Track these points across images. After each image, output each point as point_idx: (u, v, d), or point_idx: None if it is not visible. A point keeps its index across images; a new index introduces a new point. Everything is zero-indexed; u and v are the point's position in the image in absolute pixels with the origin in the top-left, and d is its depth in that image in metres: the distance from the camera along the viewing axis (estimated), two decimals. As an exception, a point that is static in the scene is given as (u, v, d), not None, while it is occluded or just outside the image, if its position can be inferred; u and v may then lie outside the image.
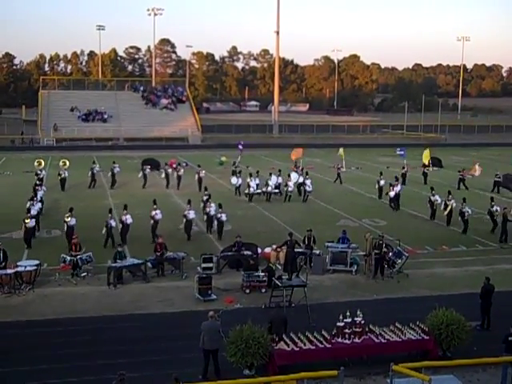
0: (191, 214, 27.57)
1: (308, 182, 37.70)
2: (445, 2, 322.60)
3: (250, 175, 38.34)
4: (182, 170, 41.88)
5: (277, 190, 37.95)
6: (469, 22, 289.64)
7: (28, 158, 54.28)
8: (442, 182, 42.67)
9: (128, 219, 26.52)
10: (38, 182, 35.71)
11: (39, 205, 30.43)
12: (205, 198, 30.46)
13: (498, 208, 28.90)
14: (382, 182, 37.32)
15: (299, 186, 38.46)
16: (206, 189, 33.26)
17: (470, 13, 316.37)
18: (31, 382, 14.03)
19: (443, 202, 30.76)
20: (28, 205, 29.08)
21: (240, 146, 54.39)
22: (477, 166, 45.01)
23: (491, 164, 49.21)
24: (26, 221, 25.83)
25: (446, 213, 30.13)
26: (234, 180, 39.21)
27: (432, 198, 31.75)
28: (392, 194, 34.22)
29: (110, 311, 18.60)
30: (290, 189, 37.14)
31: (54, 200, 35.76)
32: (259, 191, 37.61)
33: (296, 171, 40.66)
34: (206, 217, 28.79)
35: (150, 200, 28.77)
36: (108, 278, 20.84)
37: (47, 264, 22.46)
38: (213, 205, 28.54)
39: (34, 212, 28.06)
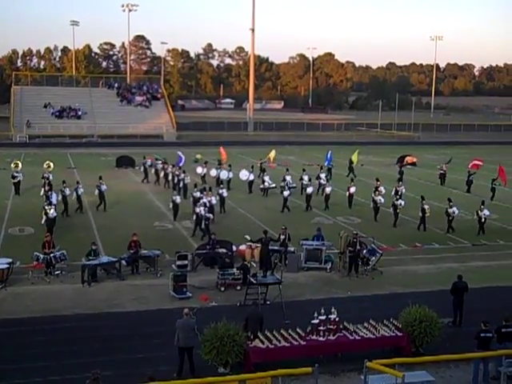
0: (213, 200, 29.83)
1: (288, 177, 37.48)
2: (418, 1, 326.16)
3: (264, 170, 38.82)
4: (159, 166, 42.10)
5: (294, 185, 38.11)
6: (442, 22, 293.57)
7: (0, 155, 53.49)
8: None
9: (224, 193, 31.98)
10: (45, 181, 33.66)
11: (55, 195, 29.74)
12: (220, 191, 32.67)
13: (487, 212, 29.12)
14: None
15: (250, 182, 39.15)
16: (221, 182, 36.40)
17: (443, 12, 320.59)
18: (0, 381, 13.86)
19: (393, 189, 33.83)
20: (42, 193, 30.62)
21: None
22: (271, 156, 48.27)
23: (463, 163, 49.69)
24: (48, 210, 26.24)
25: (397, 197, 32.09)
26: (199, 170, 41.46)
27: (380, 189, 33.14)
28: (328, 189, 35.04)
29: (84, 309, 18.45)
30: (304, 182, 37.66)
31: (32, 197, 35.34)
32: (274, 186, 38.19)
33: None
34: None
35: (127, 198, 28.52)
36: (82, 276, 20.67)
37: (20, 262, 22.16)
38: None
39: (54, 200, 28.34)
